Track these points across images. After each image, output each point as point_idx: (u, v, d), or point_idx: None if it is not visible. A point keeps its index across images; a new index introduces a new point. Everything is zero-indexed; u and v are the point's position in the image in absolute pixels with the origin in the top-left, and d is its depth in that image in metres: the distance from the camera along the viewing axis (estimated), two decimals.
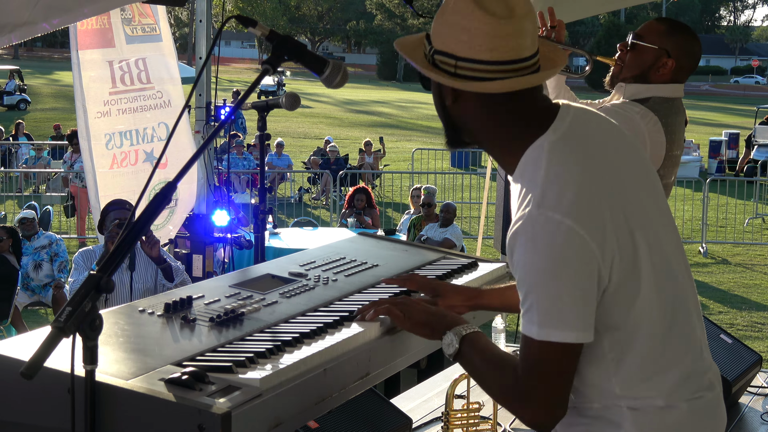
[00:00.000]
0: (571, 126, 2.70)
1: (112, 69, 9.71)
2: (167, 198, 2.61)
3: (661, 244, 2.72)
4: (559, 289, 2.51)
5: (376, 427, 5.07)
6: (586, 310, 2.55)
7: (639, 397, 2.67)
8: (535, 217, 2.53)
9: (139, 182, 10.03)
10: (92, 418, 2.42)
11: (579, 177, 2.59)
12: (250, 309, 3.14)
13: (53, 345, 2.29)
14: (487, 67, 2.60)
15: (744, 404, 6.62)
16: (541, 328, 2.54)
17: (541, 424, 2.63)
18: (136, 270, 8.44)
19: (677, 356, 2.71)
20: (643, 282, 2.64)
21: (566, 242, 2.50)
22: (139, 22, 9.92)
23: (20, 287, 12.06)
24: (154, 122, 10.17)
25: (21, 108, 46.24)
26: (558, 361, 2.56)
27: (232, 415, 2.37)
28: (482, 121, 2.72)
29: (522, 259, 2.56)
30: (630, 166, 2.78)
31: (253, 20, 3.20)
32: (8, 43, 3.90)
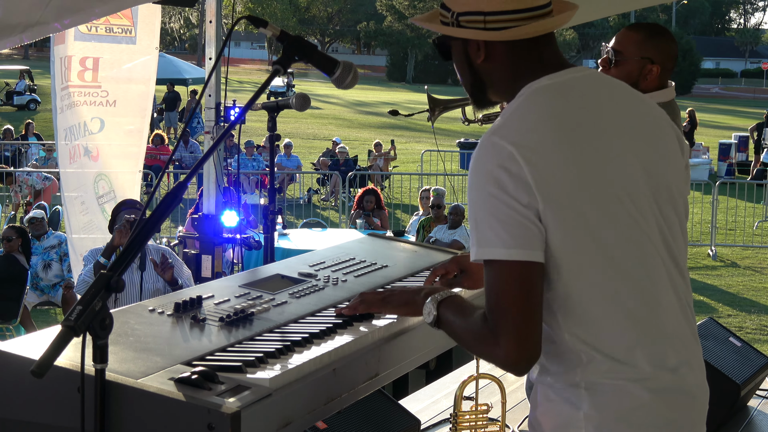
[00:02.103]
0: (569, 79, 2.79)
1: (62, 65, 9.82)
2: (177, 198, 2.62)
3: (639, 220, 2.71)
4: (488, 206, 2.55)
5: (384, 428, 5.07)
6: (521, 229, 2.54)
7: (599, 371, 2.67)
8: (483, 141, 2.64)
9: (79, 179, 10.19)
10: (102, 417, 2.43)
11: (546, 122, 2.66)
12: (260, 309, 3.15)
13: (63, 344, 2.30)
14: (514, 15, 2.73)
15: (753, 407, 6.62)
16: (481, 247, 2.57)
17: (514, 361, 2.58)
18: (146, 270, 8.46)
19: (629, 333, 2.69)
20: (600, 247, 2.65)
21: (500, 162, 2.56)
22: (105, 21, 9.96)
23: (29, 287, 12.08)
24: (88, 117, 10.26)
25: (31, 108, 46.28)
26: (510, 283, 2.55)
27: (241, 415, 2.37)
28: (512, 70, 2.80)
29: (468, 180, 2.65)
30: (642, 152, 2.78)
31: (264, 21, 3.21)
32: (20, 43, 3.91)
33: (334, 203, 25.27)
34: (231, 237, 8.06)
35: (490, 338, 2.59)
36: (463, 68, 2.90)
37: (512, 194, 2.54)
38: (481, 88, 2.90)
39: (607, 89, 2.86)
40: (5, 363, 2.60)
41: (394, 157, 29.56)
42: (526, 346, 2.58)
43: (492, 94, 2.91)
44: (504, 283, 2.56)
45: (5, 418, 2.59)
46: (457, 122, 16.79)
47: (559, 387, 2.74)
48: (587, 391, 2.68)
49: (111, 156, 10.54)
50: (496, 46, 2.78)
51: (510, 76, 2.80)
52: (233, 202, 8.16)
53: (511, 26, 2.73)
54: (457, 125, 46.87)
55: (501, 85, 2.85)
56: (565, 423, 2.73)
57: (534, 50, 2.79)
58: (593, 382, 2.68)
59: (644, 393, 2.69)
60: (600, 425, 2.68)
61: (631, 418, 2.69)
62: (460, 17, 2.78)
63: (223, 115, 8.12)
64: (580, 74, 2.81)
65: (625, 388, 2.68)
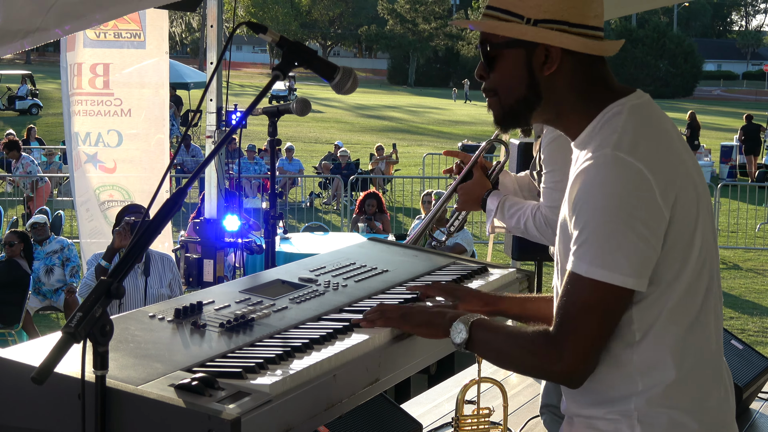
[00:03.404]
0: (649, 102, 2.80)
1: (72, 72, 9.84)
2: (177, 204, 2.62)
3: (713, 234, 2.75)
4: (616, 228, 2.53)
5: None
6: (641, 257, 2.55)
7: (656, 399, 2.66)
8: (608, 156, 2.58)
9: (87, 185, 10.21)
10: (102, 423, 2.43)
11: (655, 135, 2.68)
12: (260, 315, 3.14)
13: (64, 350, 2.31)
14: (591, 32, 2.76)
15: (755, 410, 6.62)
16: (591, 265, 2.55)
17: (572, 372, 2.62)
18: (150, 275, 8.47)
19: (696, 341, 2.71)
20: (690, 262, 2.65)
21: (634, 183, 2.53)
22: (114, 27, 9.97)
23: (32, 292, 12.09)
24: (103, 128, 10.26)
25: (33, 113, 46.35)
26: (601, 304, 2.57)
27: (241, 421, 2.37)
28: (577, 85, 2.78)
29: (584, 195, 2.58)
30: (693, 165, 2.78)
31: (264, 26, 3.21)
32: (21, 49, 3.92)
33: (336, 207, 25.30)
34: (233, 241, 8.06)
35: (551, 352, 2.62)
36: (517, 80, 2.81)
37: (644, 220, 2.53)
38: (531, 104, 2.83)
39: (663, 112, 2.84)
40: (6, 370, 2.60)
41: (396, 160, 29.57)
42: (588, 362, 2.62)
43: (541, 113, 2.85)
44: (593, 304, 2.57)
45: (6, 425, 2.60)
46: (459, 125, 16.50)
47: (609, 419, 2.72)
48: (640, 423, 2.67)
49: (131, 169, 10.57)
50: (571, 61, 2.75)
51: (578, 94, 2.78)
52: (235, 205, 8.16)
53: (594, 41, 2.75)
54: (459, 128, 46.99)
55: (562, 102, 2.80)
56: None
57: (603, 70, 2.80)
58: (647, 413, 2.67)
59: (694, 424, 2.69)
60: None
61: None
62: (540, 23, 2.73)
63: (224, 119, 8.13)
64: (646, 97, 2.81)
65: (678, 418, 2.67)
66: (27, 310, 11.93)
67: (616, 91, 2.77)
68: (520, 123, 2.90)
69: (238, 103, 8.33)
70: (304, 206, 25.09)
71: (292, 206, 24.70)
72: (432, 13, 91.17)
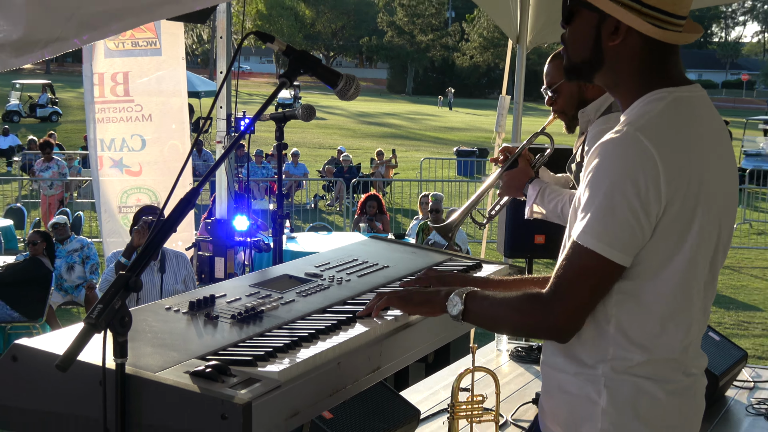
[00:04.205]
0: (699, 97, 2.77)
1: (93, 81, 9.83)
2: (191, 203, 2.63)
3: (712, 235, 2.73)
4: (614, 202, 2.55)
5: (386, 418, 5.08)
6: (631, 235, 2.57)
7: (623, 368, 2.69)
8: (629, 134, 2.59)
9: (105, 188, 10.21)
10: (122, 408, 2.44)
11: (683, 129, 2.66)
12: (269, 307, 3.15)
13: (86, 340, 2.32)
14: (665, 17, 2.70)
15: (730, 397, 6.63)
16: (590, 236, 2.58)
17: (561, 328, 2.66)
18: (166, 272, 8.48)
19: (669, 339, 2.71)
20: (680, 254, 2.66)
21: (643, 167, 2.54)
22: (131, 36, 9.96)
23: (54, 288, 12.09)
24: (126, 134, 10.25)
25: (53, 120, 46.28)
26: (594, 272, 2.60)
27: (252, 406, 2.38)
28: (638, 62, 2.75)
29: (599, 168, 2.60)
30: (724, 163, 2.79)
31: (271, 36, 3.21)
32: (42, 58, 3.92)
33: (338, 208, 25.29)
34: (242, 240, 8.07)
35: (542, 308, 2.66)
36: (585, 41, 2.79)
37: (643, 200, 2.55)
38: (594, 66, 2.81)
39: (713, 111, 2.83)
40: (32, 358, 2.61)
41: (395, 164, 29.55)
42: (576, 321, 2.65)
43: (601, 77, 2.83)
44: (588, 270, 2.61)
45: (33, 409, 2.61)
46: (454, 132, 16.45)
47: (580, 382, 2.75)
48: (606, 388, 2.70)
49: (156, 172, 10.55)
50: (637, 38, 2.71)
51: (635, 71, 2.75)
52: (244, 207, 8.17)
53: (658, 25, 2.69)
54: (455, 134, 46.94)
55: (620, 73, 2.78)
56: (582, 416, 2.74)
57: (667, 56, 2.75)
58: (614, 379, 2.69)
59: (661, 394, 2.71)
60: (617, 421, 2.70)
61: (647, 416, 2.70)
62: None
63: (233, 126, 8.13)
64: (700, 93, 2.79)
65: (644, 386, 2.69)
66: (50, 305, 11.92)
67: (672, 79, 2.75)
68: (579, 77, 2.88)
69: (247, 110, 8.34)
70: (308, 207, 25.07)
71: (298, 207, 24.69)
72: (429, 26, 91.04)
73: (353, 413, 4.91)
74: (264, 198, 21.91)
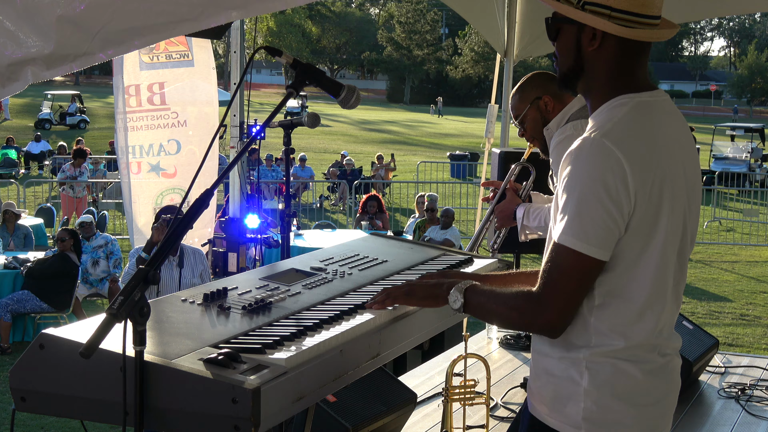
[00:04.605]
0: (661, 102, 2.78)
1: (124, 93, 9.79)
2: (205, 203, 2.63)
3: (678, 228, 2.74)
4: (591, 206, 2.55)
5: (386, 401, 5.07)
6: (607, 231, 2.57)
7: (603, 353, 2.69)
8: (592, 140, 2.60)
9: (144, 190, 10.19)
10: (141, 392, 2.42)
11: (643, 130, 2.66)
12: (277, 298, 3.14)
13: (107, 329, 2.31)
14: (635, 18, 2.70)
15: (703, 381, 6.62)
16: (568, 235, 2.58)
17: (552, 325, 2.65)
18: (184, 267, 8.46)
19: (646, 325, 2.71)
20: (652, 248, 2.66)
21: (612, 170, 2.55)
22: (164, 50, 9.94)
23: (80, 281, 12.09)
24: (164, 139, 10.22)
25: (81, 127, 46.32)
26: (576, 269, 2.60)
27: (261, 390, 2.37)
28: (615, 68, 2.76)
29: (571, 174, 2.60)
30: (687, 162, 2.79)
31: (279, 50, 3.21)
32: (70, 71, 3.93)
33: (342, 208, 25.29)
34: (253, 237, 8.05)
35: (534, 307, 2.65)
36: (568, 51, 2.81)
37: (614, 199, 2.55)
38: (577, 74, 2.82)
39: (676, 114, 2.83)
40: (57, 346, 2.59)
41: (393, 167, 29.56)
42: (566, 317, 2.65)
43: (582, 84, 2.83)
44: (571, 269, 2.60)
45: (58, 394, 2.59)
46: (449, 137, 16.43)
47: (564, 365, 2.74)
48: (588, 369, 2.69)
49: (190, 173, 10.51)
50: (612, 41, 2.72)
51: (609, 73, 2.75)
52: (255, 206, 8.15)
53: (633, 27, 2.69)
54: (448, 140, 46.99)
55: (596, 77, 2.78)
56: (566, 396, 2.73)
57: (638, 56, 2.75)
58: (594, 361, 2.69)
59: (638, 373, 2.70)
60: (598, 400, 2.69)
61: (625, 394, 2.70)
62: (587, 5, 2.72)
63: (246, 132, 8.12)
64: (663, 98, 2.79)
65: (622, 367, 2.69)
66: (76, 297, 11.94)
67: (637, 85, 2.75)
68: (569, 86, 2.88)
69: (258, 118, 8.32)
70: (314, 207, 25.09)
71: (305, 207, 24.69)
72: (424, 41, 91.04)
73: (355, 397, 4.89)
74: (274, 198, 21.90)
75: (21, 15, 3.74)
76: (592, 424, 2.70)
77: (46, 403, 2.63)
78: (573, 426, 2.72)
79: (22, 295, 11.49)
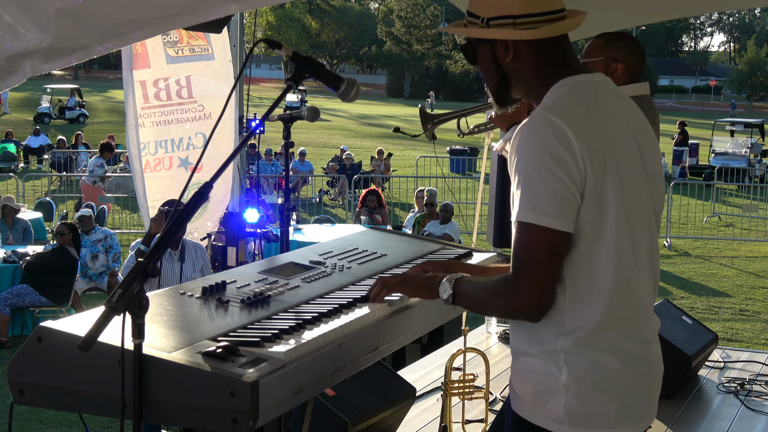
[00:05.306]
0: (601, 81, 2.83)
1: (144, 88, 9.73)
2: (204, 195, 2.62)
3: (638, 202, 2.75)
4: (542, 177, 2.56)
5: (384, 395, 5.07)
6: (563, 201, 2.56)
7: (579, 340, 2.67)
8: (539, 116, 2.63)
9: (175, 184, 10.12)
10: (139, 385, 2.42)
11: (584, 103, 2.70)
12: (276, 292, 3.14)
13: (106, 322, 2.31)
14: (539, 18, 2.75)
15: (703, 376, 6.62)
16: (524, 211, 2.58)
17: (530, 307, 2.62)
18: (185, 262, 8.46)
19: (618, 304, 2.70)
20: (609, 221, 2.66)
21: (557, 139, 2.57)
22: (187, 44, 9.91)
23: (79, 275, 12.08)
24: (191, 132, 10.17)
25: (80, 121, 46.32)
26: (541, 244, 2.58)
27: (259, 384, 2.37)
28: (535, 65, 2.80)
29: (518, 151, 2.62)
30: (640, 137, 2.82)
31: (279, 43, 3.20)
32: (69, 64, 3.92)
33: (341, 202, 25.28)
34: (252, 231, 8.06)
35: (510, 291, 2.63)
36: (490, 69, 2.87)
37: (564, 167, 2.55)
38: (507, 86, 2.87)
39: (618, 92, 2.87)
40: (56, 339, 2.59)
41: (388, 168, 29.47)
42: (543, 295, 2.62)
43: (515, 92, 2.88)
44: (536, 245, 2.58)
45: (56, 387, 2.59)
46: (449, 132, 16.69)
47: (542, 361, 2.73)
48: (566, 364, 2.68)
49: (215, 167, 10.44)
50: (524, 46, 2.78)
51: (536, 73, 2.79)
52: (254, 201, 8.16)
53: (539, 26, 2.75)
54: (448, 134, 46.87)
55: (527, 81, 2.82)
56: (546, 391, 2.73)
57: (557, 49, 2.80)
58: (572, 354, 2.67)
59: (616, 364, 2.69)
60: (578, 394, 2.68)
61: (604, 386, 2.69)
62: (491, 21, 2.77)
63: (245, 126, 8.12)
64: (601, 78, 2.84)
65: (600, 359, 2.68)
66: (75, 290, 11.93)
67: (573, 69, 2.80)
68: (506, 102, 2.92)
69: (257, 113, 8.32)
70: (314, 201, 25.08)
71: (304, 201, 24.69)
72: (424, 36, 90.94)
73: (354, 391, 4.89)
74: (273, 192, 21.90)
75: (20, 7, 3.74)
76: (574, 418, 2.70)
77: (44, 396, 2.63)
78: (556, 421, 2.72)
79: (21, 289, 11.49)
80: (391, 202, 24.41)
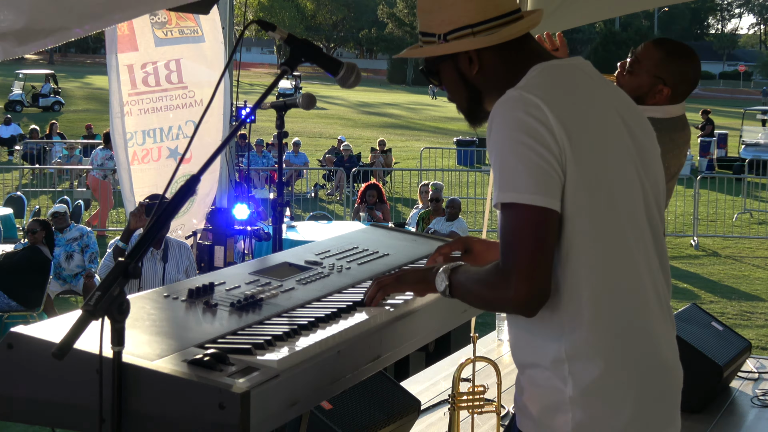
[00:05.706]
0: (570, 65, 2.85)
1: (132, 72, 9.71)
2: (191, 189, 2.60)
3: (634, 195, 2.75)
4: (515, 152, 2.56)
5: (386, 408, 5.06)
6: (544, 176, 2.55)
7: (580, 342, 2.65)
8: (511, 94, 2.65)
9: (164, 177, 10.06)
10: (119, 397, 2.41)
11: (562, 85, 2.73)
12: (269, 295, 3.13)
13: (83, 327, 2.29)
14: (497, 21, 2.80)
15: (735, 388, 6.60)
16: (504, 191, 2.56)
17: (523, 297, 2.56)
18: (168, 262, 8.46)
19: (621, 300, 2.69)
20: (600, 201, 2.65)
21: (532, 114, 2.57)
22: (176, 25, 9.90)
23: (52, 276, 12.08)
24: (181, 120, 10.16)
25: (55, 109, 46.41)
26: (526, 225, 2.55)
27: (251, 394, 2.36)
28: (503, 70, 2.83)
29: (492, 132, 2.63)
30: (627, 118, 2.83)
31: (273, 24, 3.19)
32: (44, 47, 3.92)
33: (339, 197, 25.33)
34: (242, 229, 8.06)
35: (501, 281, 2.59)
36: (456, 86, 2.92)
37: (540, 141, 2.55)
38: (477, 99, 2.90)
39: (596, 73, 2.89)
40: (28, 346, 2.58)
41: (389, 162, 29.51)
42: (535, 283, 2.56)
43: (489, 103, 2.85)
44: (520, 226, 2.55)
45: (27, 398, 2.58)
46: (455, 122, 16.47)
47: (546, 373, 2.71)
48: (571, 375, 2.66)
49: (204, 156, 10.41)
50: (488, 54, 2.82)
51: (504, 80, 2.78)
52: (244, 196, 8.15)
53: (498, 30, 2.79)
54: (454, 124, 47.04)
55: (500, 88, 2.77)
56: (552, 406, 2.71)
57: (524, 46, 2.84)
58: (575, 359, 2.65)
59: (623, 371, 2.68)
60: (585, 408, 2.67)
61: (613, 398, 2.67)
62: (448, 36, 2.82)
63: (234, 115, 8.12)
64: (576, 61, 2.87)
65: (605, 365, 2.65)
66: (48, 293, 11.93)
67: (542, 58, 2.82)
68: (479, 117, 2.96)
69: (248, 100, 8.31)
70: (309, 197, 25.11)
71: (298, 197, 24.72)
72: None
73: (353, 403, 4.88)
74: (264, 187, 21.92)
75: None
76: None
77: (13, 409, 2.62)
78: None
79: None
80: (392, 198, 24.42)
